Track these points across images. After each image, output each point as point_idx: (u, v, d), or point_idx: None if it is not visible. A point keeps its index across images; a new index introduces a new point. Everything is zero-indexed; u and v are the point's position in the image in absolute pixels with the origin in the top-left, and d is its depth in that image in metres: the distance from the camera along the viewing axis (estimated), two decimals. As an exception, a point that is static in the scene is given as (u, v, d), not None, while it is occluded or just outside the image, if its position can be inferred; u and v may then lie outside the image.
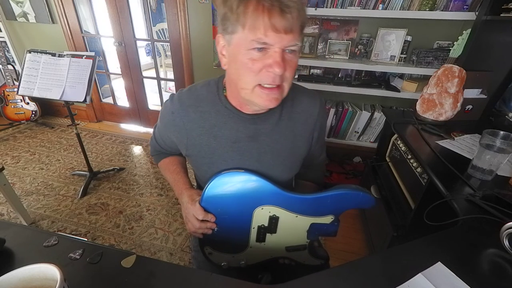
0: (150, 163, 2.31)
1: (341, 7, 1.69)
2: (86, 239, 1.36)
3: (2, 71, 2.59)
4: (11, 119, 2.75)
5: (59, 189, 1.97)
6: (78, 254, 0.57)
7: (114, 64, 2.85)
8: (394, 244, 1.15)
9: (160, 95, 2.83)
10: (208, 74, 2.32)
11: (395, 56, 1.83)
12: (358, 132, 2.09)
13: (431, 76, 1.29)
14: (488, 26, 1.28)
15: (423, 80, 1.82)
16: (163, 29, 3.46)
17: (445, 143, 1.10)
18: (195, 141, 0.68)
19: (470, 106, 1.31)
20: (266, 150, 0.68)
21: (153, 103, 2.86)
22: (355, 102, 2.11)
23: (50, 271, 0.40)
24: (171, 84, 3.68)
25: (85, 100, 1.62)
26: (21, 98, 2.69)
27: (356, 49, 1.91)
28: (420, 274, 0.52)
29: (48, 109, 3.05)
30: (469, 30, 1.42)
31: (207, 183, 0.63)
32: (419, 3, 1.60)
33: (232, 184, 0.63)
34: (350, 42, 1.89)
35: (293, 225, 0.68)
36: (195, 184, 0.84)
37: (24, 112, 2.75)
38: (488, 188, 0.82)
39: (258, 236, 0.70)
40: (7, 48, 2.78)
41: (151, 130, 0.85)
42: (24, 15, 2.56)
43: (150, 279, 0.53)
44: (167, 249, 1.52)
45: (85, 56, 1.64)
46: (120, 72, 2.71)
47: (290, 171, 0.73)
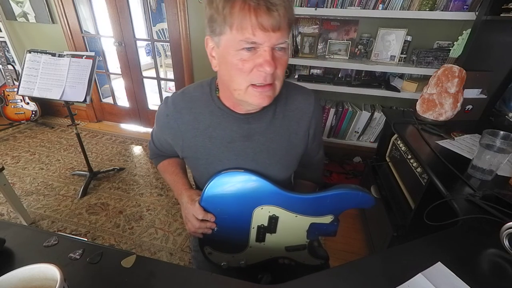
0: (150, 163, 2.31)
1: (341, 7, 1.69)
2: (86, 239, 1.36)
3: (2, 71, 2.59)
4: (11, 119, 2.75)
5: (59, 189, 1.97)
6: (78, 254, 0.57)
7: (114, 64, 2.85)
8: (394, 244, 1.15)
9: (160, 95, 2.83)
10: (208, 74, 2.29)
11: (395, 56, 1.83)
12: (358, 132, 2.09)
13: (431, 76, 1.29)
14: (488, 26, 1.28)
15: (423, 80, 1.82)
16: (163, 29, 3.46)
17: (445, 143, 1.10)
18: (190, 142, 0.69)
19: (470, 106, 1.31)
20: (262, 149, 0.68)
21: (153, 103, 2.86)
22: (355, 102, 2.11)
23: (50, 271, 0.40)
24: (171, 84, 3.68)
25: (85, 100, 1.62)
26: (21, 98, 2.69)
27: (356, 49, 1.91)
28: (420, 274, 0.52)
29: (48, 109, 3.05)
30: (469, 30, 1.42)
31: (207, 182, 0.63)
32: (419, 3, 1.60)
33: (232, 183, 0.63)
34: (350, 42, 1.89)
35: (292, 225, 0.68)
36: (194, 186, 0.84)
37: (24, 112, 2.75)
38: (488, 188, 0.82)
39: (257, 236, 0.70)
40: (7, 48, 2.78)
41: (151, 130, 0.85)
42: (24, 15, 2.56)
43: (150, 279, 0.53)
44: (167, 249, 1.52)
45: (85, 56, 1.64)
46: (120, 72, 2.71)
47: (287, 169, 0.73)
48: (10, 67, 2.61)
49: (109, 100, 3.00)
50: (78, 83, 1.63)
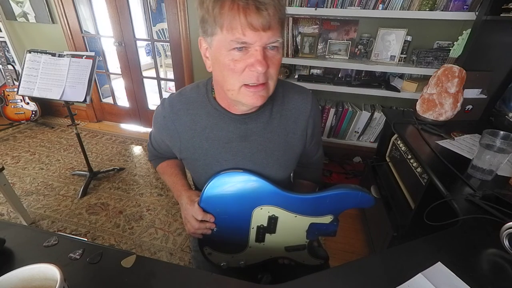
0: (150, 163, 2.31)
1: (341, 7, 1.69)
2: (86, 239, 1.36)
3: (2, 71, 2.59)
4: (11, 119, 2.75)
5: (59, 189, 1.97)
6: (78, 254, 0.57)
7: (114, 64, 2.85)
8: (394, 244, 1.15)
9: (160, 95, 2.83)
10: (208, 74, 2.31)
11: (395, 56, 1.83)
12: (358, 132, 2.09)
13: (431, 76, 1.29)
14: (488, 26, 1.28)
15: (423, 80, 1.82)
16: (163, 29, 3.46)
17: (445, 143, 1.10)
18: (188, 143, 0.69)
19: (470, 106, 1.31)
20: (259, 149, 0.68)
21: (153, 103, 2.86)
22: (355, 102, 2.11)
23: (50, 271, 0.40)
24: (171, 84, 3.68)
25: (85, 100, 1.62)
26: (21, 98, 2.69)
27: (356, 49, 1.91)
28: (420, 274, 0.52)
29: (48, 109, 3.05)
30: (469, 30, 1.42)
31: (206, 183, 0.63)
32: (419, 3, 1.60)
33: (231, 184, 0.63)
34: (350, 42, 1.89)
35: (292, 225, 0.68)
36: (193, 187, 0.84)
37: (24, 112, 2.75)
38: (488, 188, 0.82)
39: (257, 236, 0.70)
40: (7, 48, 2.78)
41: (150, 131, 0.85)
42: (24, 15, 2.56)
43: (150, 279, 0.53)
44: (167, 249, 1.52)
45: (85, 56, 1.64)
46: (120, 72, 2.71)
47: (285, 169, 0.73)
48: (10, 67, 2.61)
49: (109, 100, 3.00)
50: (78, 83, 1.63)
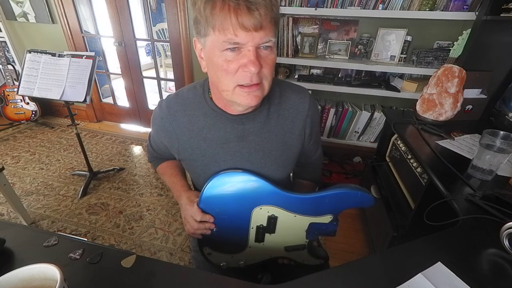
0: (151, 164, 2.31)
1: (341, 7, 1.69)
2: (86, 239, 1.36)
3: (2, 71, 2.59)
4: (11, 119, 2.75)
5: (59, 189, 1.97)
6: (78, 254, 0.57)
7: (114, 64, 2.85)
8: (394, 244, 1.15)
9: (160, 95, 2.83)
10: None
11: (395, 56, 1.83)
12: (358, 132, 2.09)
13: (431, 76, 1.28)
14: (488, 26, 1.28)
15: (423, 80, 1.82)
16: (163, 29, 3.46)
17: (445, 143, 1.10)
18: (185, 144, 0.69)
19: (470, 106, 1.31)
20: (257, 149, 0.68)
21: (153, 103, 2.86)
22: (355, 102, 2.11)
23: (50, 271, 0.40)
24: (171, 84, 3.68)
25: (85, 100, 1.62)
26: (21, 98, 2.69)
27: (356, 49, 1.91)
28: (420, 274, 0.52)
29: (48, 109, 3.05)
30: (469, 30, 1.42)
31: (206, 183, 0.63)
32: (419, 3, 1.60)
33: (231, 184, 0.63)
34: (350, 42, 1.89)
35: (291, 225, 0.68)
36: (193, 188, 0.84)
37: (24, 112, 2.75)
38: (488, 188, 0.82)
39: (257, 236, 0.70)
40: (7, 48, 2.78)
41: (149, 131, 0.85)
42: (24, 15, 2.56)
43: (150, 279, 0.53)
44: (167, 249, 1.52)
45: (85, 56, 1.64)
46: (120, 72, 2.71)
47: (283, 169, 0.73)
48: (10, 67, 2.61)
49: (109, 100, 3.00)
50: (78, 83, 1.63)
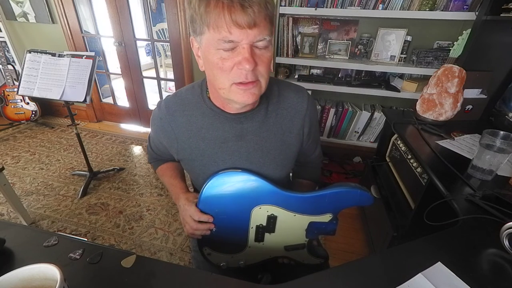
0: (150, 165, 2.31)
1: (341, 7, 1.69)
2: (86, 239, 1.36)
3: (2, 71, 2.59)
4: (11, 119, 2.75)
5: (59, 189, 1.97)
6: (78, 254, 0.57)
7: (114, 64, 2.84)
8: (394, 244, 1.15)
9: (160, 95, 2.83)
10: (208, 74, 2.31)
11: (395, 56, 1.83)
12: (358, 132, 2.09)
13: (431, 76, 1.29)
14: (488, 26, 1.28)
15: (423, 80, 1.82)
16: (163, 29, 3.46)
17: (445, 143, 1.10)
18: (184, 144, 0.69)
19: (470, 106, 1.31)
20: (255, 148, 0.68)
21: (153, 103, 2.86)
22: (355, 102, 2.11)
23: (50, 271, 0.40)
24: (171, 84, 3.68)
25: (85, 100, 1.62)
26: (21, 98, 2.69)
27: (356, 49, 1.91)
28: (420, 274, 0.52)
29: (48, 109, 3.05)
30: (469, 30, 1.42)
31: (205, 183, 0.63)
32: (419, 3, 1.60)
33: (230, 184, 0.63)
34: (350, 42, 1.89)
35: (291, 224, 0.68)
36: (192, 188, 0.84)
37: (24, 112, 2.75)
38: (488, 188, 0.82)
39: (256, 236, 0.70)
40: (7, 48, 2.77)
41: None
42: (24, 15, 2.56)
43: (150, 279, 0.53)
44: (167, 249, 1.52)
45: (85, 56, 1.64)
46: (120, 72, 2.71)
47: (282, 168, 0.73)
48: (10, 67, 2.61)
49: (109, 100, 3.00)
50: (78, 83, 1.63)
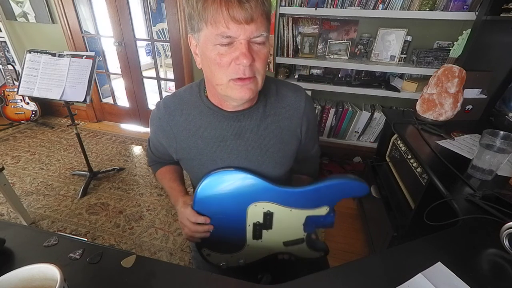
0: (150, 167, 2.31)
1: (341, 7, 1.69)
2: (86, 239, 1.36)
3: (2, 71, 2.59)
4: (11, 119, 2.75)
5: (59, 189, 1.97)
6: (78, 254, 0.57)
7: (114, 64, 2.84)
8: (394, 244, 1.15)
9: (160, 95, 2.83)
10: (208, 74, 2.32)
11: (395, 56, 1.83)
12: (358, 132, 2.09)
13: (431, 76, 1.28)
14: (488, 26, 1.28)
15: (423, 80, 1.82)
16: (163, 29, 3.46)
17: (445, 143, 1.10)
18: (183, 143, 0.69)
19: (470, 106, 1.31)
20: (254, 146, 0.68)
21: (153, 103, 2.85)
22: (355, 102, 2.11)
23: (50, 271, 0.40)
24: (171, 84, 3.68)
25: (85, 100, 1.62)
26: (21, 98, 2.69)
27: (356, 49, 1.91)
28: (420, 274, 0.52)
29: (48, 109, 3.05)
30: (469, 30, 1.42)
31: (198, 185, 0.63)
32: (419, 3, 1.60)
33: (223, 183, 0.63)
34: (350, 42, 1.89)
35: (288, 219, 0.67)
36: (192, 189, 0.84)
37: (24, 112, 2.75)
38: (488, 188, 0.82)
39: (254, 234, 0.69)
40: (7, 48, 2.78)
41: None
42: (24, 15, 2.56)
43: (150, 279, 0.53)
44: (167, 249, 1.52)
45: (85, 56, 1.64)
46: (120, 72, 2.71)
47: (281, 167, 0.73)
48: (10, 67, 2.61)
49: (109, 100, 3.00)
50: (78, 83, 1.63)
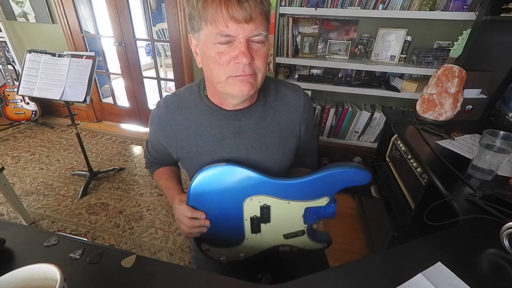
0: (147, 169, 2.31)
1: (341, 7, 1.69)
2: (86, 239, 1.36)
3: (2, 71, 2.59)
4: (11, 119, 2.75)
5: (59, 189, 1.97)
6: (78, 254, 0.57)
7: (114, 64, 2.85)
8: (394, 244, 1.15)
9: (160, 95, 2.83)
10: (208, 74, 2.31)
11: (395, 56, 1.83)
12: (358, 132, 2.09)
13: (431, 76, 1.28)
14: (488, 26, 1.28)
15: (423, 80, 1.82)
16: (163, 29, 3.46)
17: (445, 143, 1.10)
18: (183, 142, 0.70)
19: (470, 106, 1.31)
20: (254, 145, 0.69)
21: (153, 103, 2.86)
22: (355, 102, 2.11)
23: (50, 271, 0.40)
24: (171, 84, 3.68)
25: (85, 100, 1.62)
26: (21, 98, 2.69)
27: (356, 49, 1.91)
28: (420, 274, 0.52)
29: (48, 109, 3.05)
30: (469, 30, 1.42)
31: (191, 181, 0.62)
32: (419, 3, 1.59)
33: (216, 178, 0.61)
34: (350, 42, 1.89)
35: (286, 212, 0.65)
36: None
37: (24, 112, 2.75)
38: (488, 188, 0.82)
39: (252, 228, 0.68)
40: (7, 48, 2.78)
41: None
42: (24, 15, 2.56)
43: (150, 279, 0.53)
44: (167, 249, 1.52)
45: (85, 56, 1.64)
46: (120, 72, 2.71)
47: (281, 165, 0.73)
48: (10, 67, 2.61)
49: (109, 100, 3.00)
50: (78, 83, 1.63)
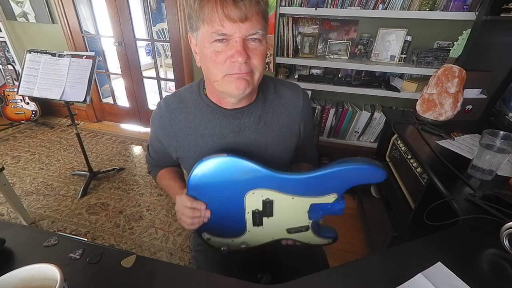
0: (150, 174, 2.31)
1: (341, 7, 1.69)
2: (86, 239, 1.36)
3: (2, 71, 2.59)
4: (11, 119, 2.75)
5: (59, 189, 1.97)
6: (78, 254, 0.57)
7: (114, 64, 2.85)
8: (394, 244, 1.15)
9: (160, 95, 2.83)
10: (208, 74, 2.31)
11: (395, 56, 1.83)
12: (358, 132, 2.09)
13: (431, 76, 1.28)
14: (488, 26, 1.28)
15: (423, 80, 1.82)
16: (163, 29, 3.46)
17: (445, 143, 1.10)
18: (183, 142, 0.70)
19: (470, 106, 1.31)
20: (253, 144, 0.69)
21: (153, 103, 2.86)
22: (355, 102, 2.11)
23: (50, 271, 0.40)
24: (171, 84, 3.68)
25: (85, 100, 1.62)
26: (21, 98, 2.69)
27: (356, 49, 1.91)
28: (420, 274, 0.52)
29: (48, 109, 3.05)
30: (469, 30, 1.42)
31: (191, 171, 0.60)
32: (419, 3, 1.59)
33: (217, 169, 0.59)
34: (350, 42, 1.89)
35: (290, 207, 0.63)
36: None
37: (24, 112, 2.75)
38: (488, 188, 0.82)
39: (254, 221, 0.66)
40: (7, 48, 2.77)
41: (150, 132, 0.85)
42: (24, 15, 2.56)
43: (150, 279, 0.53)
44: (167, 249, 1.52)
45: (85, 56, 1.64)
46: (120, 72, 2.71)
47: (281, 163, 0.74)
48: (10, 67, 2.61)
49: (109, 100, 3.00)
50: (78, 83, 1.63)
